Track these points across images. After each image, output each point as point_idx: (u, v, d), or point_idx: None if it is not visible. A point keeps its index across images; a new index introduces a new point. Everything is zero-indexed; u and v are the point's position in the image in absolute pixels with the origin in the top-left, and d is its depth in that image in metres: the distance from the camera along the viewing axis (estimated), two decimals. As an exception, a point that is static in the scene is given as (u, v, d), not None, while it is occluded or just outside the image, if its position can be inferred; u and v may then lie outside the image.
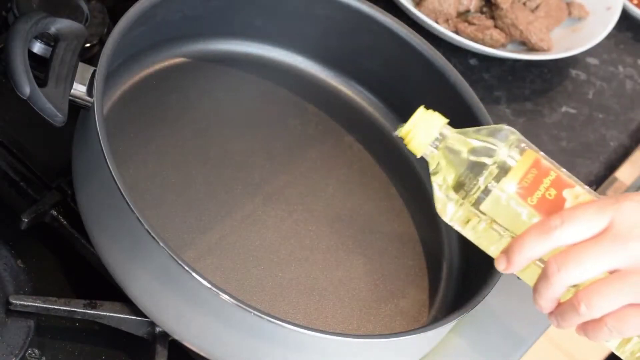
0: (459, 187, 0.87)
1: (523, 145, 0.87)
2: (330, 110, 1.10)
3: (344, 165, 1.06)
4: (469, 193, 0.86)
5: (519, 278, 0.88)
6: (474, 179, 0.86)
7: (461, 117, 1.02)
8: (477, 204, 0.86)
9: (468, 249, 0.95)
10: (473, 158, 0.87)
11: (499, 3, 1.25)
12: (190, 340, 0.87)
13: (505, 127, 0.88)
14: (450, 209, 0.88)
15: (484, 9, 1.27)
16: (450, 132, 0.89)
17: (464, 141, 0.88)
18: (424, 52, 1.06)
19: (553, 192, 0.85)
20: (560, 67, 1.30)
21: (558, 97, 1.27)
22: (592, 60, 1.32)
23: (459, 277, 1.02)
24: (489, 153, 0.86)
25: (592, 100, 1.28)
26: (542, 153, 0.88)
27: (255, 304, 0.84)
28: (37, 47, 0.98)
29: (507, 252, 0.84)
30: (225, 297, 0.82)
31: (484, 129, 0.89)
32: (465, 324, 1.00)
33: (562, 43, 1.28)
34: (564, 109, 1.26)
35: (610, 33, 1.30)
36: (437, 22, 1.24)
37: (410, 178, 1.08)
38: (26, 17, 0.87)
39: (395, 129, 0.91)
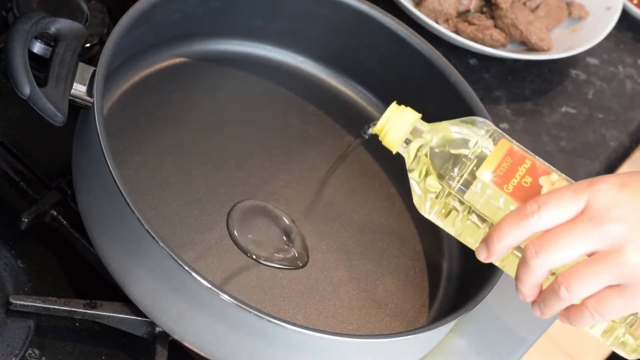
0: (435, 181, 0.87)
1: (497, 135, 0.88)
2: (330, 110, 1.10)
3: (344, 165, 1.06)
4: (446, 186, 0.87)
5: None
6: (450, 172, 0.87)
7: (461, 117, 1.03)
8: (454, 196, 0.87)
9: (468, 249, 0.94)
10: (448, 151, 0.87)
11: (499, 3, 1.25)
12: (190, 340, 0.87)
13: (479, 118, 0.89)
14: (428, 204, 0.89)
15: (484, 9, 1.27)
16: (424, 126, 0.90)
17: (438, 135, 0.89)
18: (424, 52, 1.06)
19: (529, 179, 0.85)
20: (560, 67, 1.30)
21: (558, 97, 1.27)
22: (592, 60, 1.32)
23: (459, 277, 1.02)
24: (464, 145, 0.87)
25: (592, 100, 1.28)
26: (516, 143, 0.88)
27: (255, 304, 0.85)
28: (37, 47, 0.98)
29: (486, 241, 0.84)
30: (225, 297, 0.82)
31: (457, 121, 0.89)
32: (465, 324, 1.00)
33: (562, 43, 1.28)
34: (564, 109, 1.26)
35: (610, 33, 1.30)
36: (437, 22, 1.24)
37: (410, 178, 1.08)
38: (26, 17, 0.87)
39: (369, 127, 0.92)
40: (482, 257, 0.85)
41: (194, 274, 0.82)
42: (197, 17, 1.04)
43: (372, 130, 0.92)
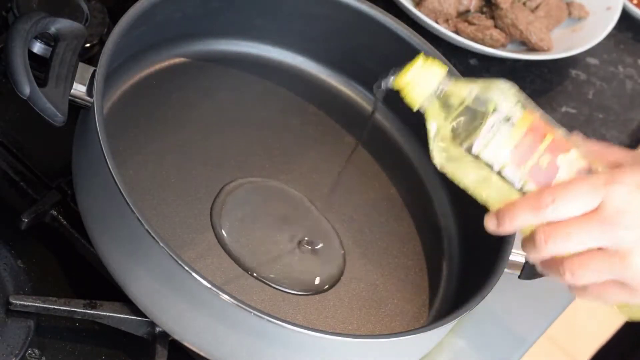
0: (455, 137, 0.86)
1: (521, 101, 0.86)
2: (330, 110, 1.10)
3: (344, 165, 1.06)
4: (464, 142, 0.85)
5: None
6: (470, 129, 0.85)
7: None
8: (472, 153, 0.85)
9: (468, 249, 0.95)
10: (471, 108, 0.85)
11: (499, 3, 1.25)
12: (190, 340, 0.87)
13: (503, 81, 0.87)
14: (444, 158, 0.87)
15: (484, 9, 1.27)
16: (450, 81, 0.87)
17: (462, 92, 0.86)
18: (424, 52, 1.06)
19: (547, 158, 0.84)
20: (560, 67, 1.30)
21: (558, 97, 1.27)
22: (592, 60, 1.32)
23: (459, 277, 1.02)
24: (486, 107, 0.85)
25: (592, 100, 1.28)
26: (540, 111, 0.87)
27: (255, 304, 0.85)
28: (37, 47, 0.98)
29: (497, 216, 0.85)
30: (225, 297, 0.82)
31: (482, 81, 0.87)
32: (465, 324, 1.00)
33: (562, 43, 1.28)
34: (564, 109, 1.26)
35: (610, 33, 1.30)
36: (437, 22, 1.24)
37: (410, 178, 1.08)
38: (26, 17, 0.87)
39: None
40: (490, 228, 0.86)
41: (194, 274, 0.82)
42: (197, 17, 1.04)
43: (393, 85, 0.88)
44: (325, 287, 0.97)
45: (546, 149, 0.85)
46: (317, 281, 0.97)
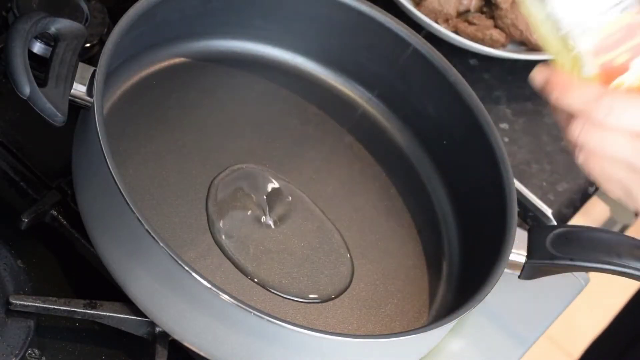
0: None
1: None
2: (330, 110, 1.10)
3: (344, 165, 1.06)
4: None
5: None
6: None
7: (461, 117, 1.03)
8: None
9: (468, 249, 0.95)
10: None
11: (499, 3, 1.25)
12: (190, 340, 0.87)
13: None
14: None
15: (484, 9, 1.27)
16: None
17: None
18: (424, 52, 1.06)
19: (625, 57, 0.83)
20: (560, 67, 1.30)
21: (558, 97, 1.27)
22: (592, 60, 1.32)
23: (459, 277, 1.02)
24: None
25: (592, 100, 1.28)
26: None
27: (255, 304, 0.85)
28: (37, 47, 0.98)
29: (553, 81, 0.83)
30: (225, 297, 0.82)
31: None
32: (465, 324, 1.00)
33: (562, 43, 1.28)
34: (564, 109, 1.26)
35: (610, 33, 1.30)
36: (437, 22, 1.24)
37: (410, 178, 1.08)
38: (26, 17, 0.87)
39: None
40: (536, 80, 0.84)
41: (194, 274, 0.82)
42: (197, 17, 1.04)
43: None
44: (332, 297, 0.97)
45: (631, 48, 0.83)
46: (320, 291, 0.97)
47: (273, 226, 0.99)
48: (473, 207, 1.04)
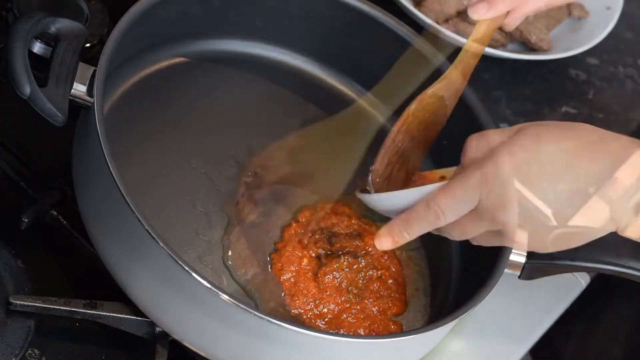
0: None
1: None
2: (330, 110, 1.10)
3: (344, 165, 1.06)
4: None
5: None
6: None
7: (461, 117, 1.03)
8: None
9: (468, 249, 0.94)
10: None
11: (499, 3, 1.25)
12: (190, 340, 0.87)
13: None
14: None
15: (484, 9, 1.27)
16: None
17: None
18: (424, 52, 1.06)
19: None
20: (560, 67, 1.30)
21: (558, 97, 1.27)
22: (592, 60, 1.32)
23: (459, 277, 1.02)
24: None
25: (592, 100, 1.28)
26: None
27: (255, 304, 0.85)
28: (37, 47, 0.98)
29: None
30: (225, 297, 0.82)
31: None
32: (465, 324, 1.00)
33: (562, 43, 1.28)
34: (564, 109, 1.26)
35: (610, 33, 1.30)
36: (437, 22, 1.24)
37: (410, 178, 1.08)
38: (26, 17, 0.87)
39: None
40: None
41: (194, 274, 0.82)
42: (197, 17, 1.04)
43: None
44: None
45: None
46: None
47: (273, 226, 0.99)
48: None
